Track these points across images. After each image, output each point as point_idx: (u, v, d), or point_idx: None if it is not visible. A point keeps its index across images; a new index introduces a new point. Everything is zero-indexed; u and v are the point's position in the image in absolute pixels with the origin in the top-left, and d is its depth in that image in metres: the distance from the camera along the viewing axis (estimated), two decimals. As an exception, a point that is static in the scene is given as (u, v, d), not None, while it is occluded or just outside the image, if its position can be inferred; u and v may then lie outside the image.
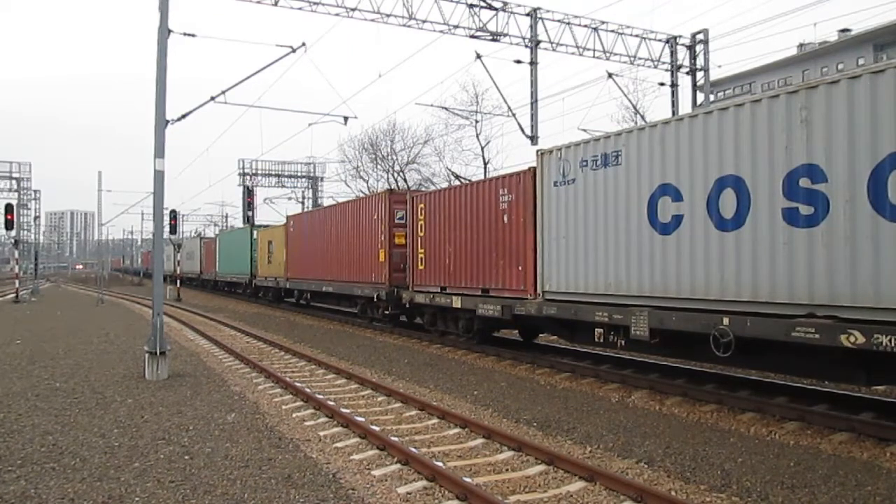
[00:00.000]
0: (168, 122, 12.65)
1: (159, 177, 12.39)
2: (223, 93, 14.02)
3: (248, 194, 48.17)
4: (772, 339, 8.10)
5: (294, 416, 9.11)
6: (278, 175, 50.36)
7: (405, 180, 41.59)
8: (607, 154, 10.74)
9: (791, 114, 8.03)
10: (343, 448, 7.49)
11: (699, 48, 23.94)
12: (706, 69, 24.03)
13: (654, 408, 9.44)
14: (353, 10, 19.01)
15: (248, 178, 48.74)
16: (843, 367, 8.14)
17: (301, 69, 48.69)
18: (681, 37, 23.84)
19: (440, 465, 6.63)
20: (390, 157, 43.41)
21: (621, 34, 22.52)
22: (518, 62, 21.39)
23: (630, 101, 28.09)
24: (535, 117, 21.48)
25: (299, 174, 51.31)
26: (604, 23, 22.19)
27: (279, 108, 19.30)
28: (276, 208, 66.55)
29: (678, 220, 9.49)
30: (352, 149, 45.83)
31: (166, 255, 44.99)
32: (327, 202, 46.13)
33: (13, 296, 38.22)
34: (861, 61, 42.93)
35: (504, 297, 13.36)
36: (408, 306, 17.70)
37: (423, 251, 16.69)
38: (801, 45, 51.06)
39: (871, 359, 7.49)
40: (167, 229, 35.83)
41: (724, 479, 6.38)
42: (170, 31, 12.42)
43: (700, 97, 24.14)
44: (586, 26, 21.97)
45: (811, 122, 7.83)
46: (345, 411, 8.94)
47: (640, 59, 23.06)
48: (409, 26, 19.65)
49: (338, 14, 19.00)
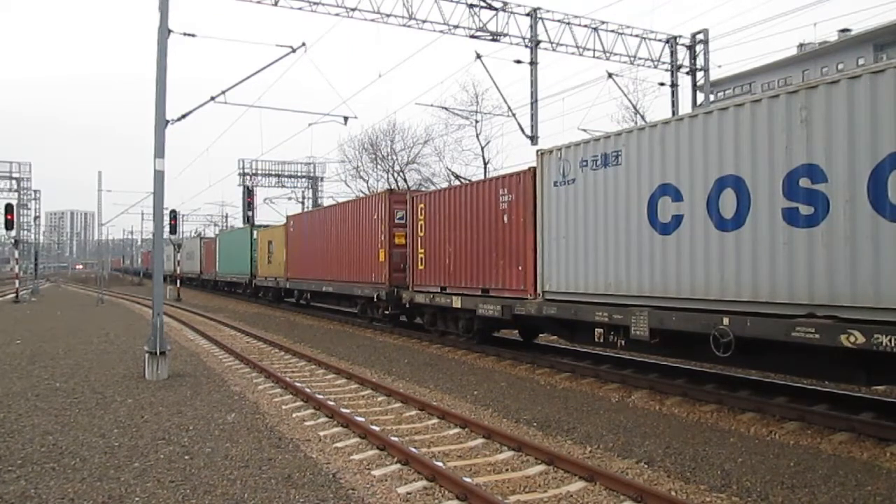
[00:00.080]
0: (168, 122, 12.66)
1: (159, 177, 12.40)
2: (223, 93, 14.03)
3: (248, 194, 48.18)
4: (772, 339, 8.10)
5: (294, 416, 9.11)
6: (278, 175, 50.36)
7: (405, 180, 41.61)
8: (607, 154, 10.74)
9: (791, 114, 8.04)
10: (343, 448, 7.49)
11: (699, 48, 23.94)
12: (706, 69, 24.03)
13: (654, 408, 9.44)
14: (353, 10, 19.02)
15: (248, 178, 48.75)
16: (843, 367, 8.14)
17: (301, 69, 48.77)
18: (681, 37, 23.86)
19: (440, 465, 6.63)
20: (390, 157, 43.48)
21: (621, 34, 22.52)
22: (518, 62, 21.40)
23: (630, 101, 28.13)
24: (535, 117, 21.48)
25: (299, 174, 51.32)
26: (604, 23, 22.20)
27: (279, 108, 19.31)
28: (276, 208, 66.65)
29: (678, 220, 9.49)
30: (352, 149, 45.93)
31: (166, 255, 45.01)
32: (327, 202, 46.17)
33: (13, 296, 38.22)
34: (861, 61, 42.92)
35: (504, 297, 13.36)
36: (408, 306, 17.70)
37: (423, 251, 16.69)
38: (801, 45, 51.07)
39: (871, 359, 7.50)
40: (167, 229, 35.83)
41: (724, 479, 6.38)
42: (170, 31, 12.43)
43: (700, 97, 24.14)
44: (586, 26, 21.97)
45: (811, 122, 7.83)
46: (345, 411, 8.95)
47: (640, 59, 23.06)
48: (409, 26, 19.66)
49: (338, 14, 19.01)
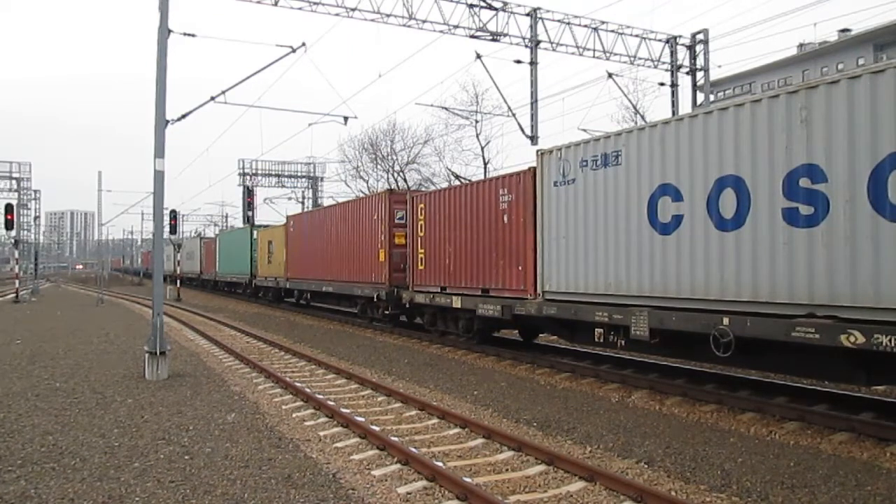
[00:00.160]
0: (168, 122, 12.66)
1: (159, 177, 12.40)
2: (223, 93, 14.03)
3: (248, 194, 48.17)
4: (772, 339, 8.10)
5: (294, 416, 9.11)
6: (278, 175, 50.36)
7: (405, 180, 41.61)
8: (607, 154, 10.74)
9: (791, 114, 8.04)
10: (343, 448, 7.49)
11: (699, 48, 23.94)
12: (706, 69, 24.03)
13: (654, 408, 9.44)
14: (353, 10, 19.02)
15: (248, 178, 48.74)
16: (843, 367, 8.14)
17: (301, 69, 48.68)
18: (681, 37, 23.85)
19: (440, 465, 6.63)
20: (390, 157, 43.48)
21: (621, 34, 22.52)
22: (518, 62, 21.39)
23: (630, 101, 28.12)
24: (535, 117, 21.48)
25: (299, 174, 51.31)
26: (604, 23, 22.19)
27: (279, 108, 19.30)
28: (276, 208, 66.65)
29: (678, 220, 9.49)
30: (352, 149, 45.93)
31: (166, 255, 45.02)
32: (327, 202, 46.17)
33: (13, 296, 38.22)
34: (861, 61, 42.92)
35: (504, 297, 13.36)
36: (408, 306, 17.70)
37: (423, 251, 16.69)
38: (801, 45, 51.07)
39: (871, 359, 7.50)
40: (167, 229, 35.83)
41: (724, 479, 6.38)
42: (170, 31, 12.43)
43: (700, 97, 24.14)
44: (586, 26, 21.97)
45: (811, 122, 7.83)
46: (345, 411, 8.94)
47: (640, 59, 23.06)
48: (409, 26, 19.65)
49: (338, 14, 19.01)
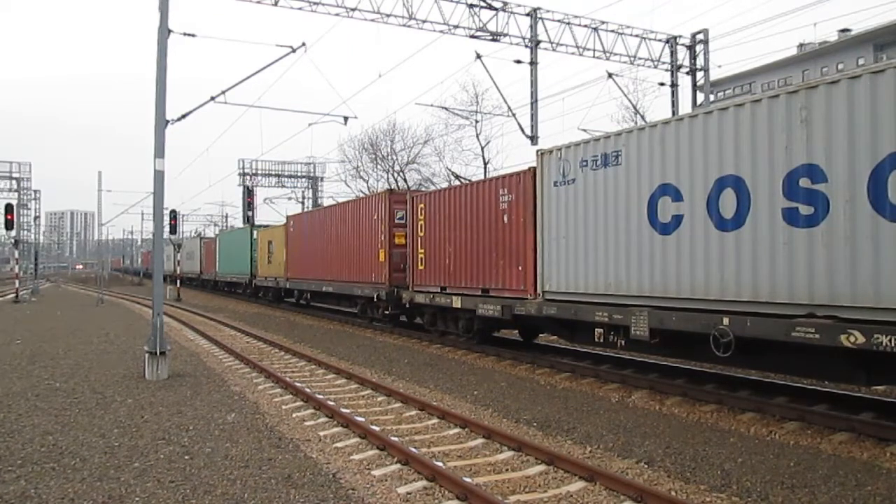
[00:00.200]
0: (168, 122, 12.66)
1: (159, 177, 12.40)
2: (223, 93, 14.03)
3: (248, 194, 48.17)
4: (772, 339, 8.10)
5: (294, 416, 9.11)
6: (278, 175, 50.35)
7: (405, 180, 41.61)
8: (607, 154, 10.74)
9: (791, 114, 8.04)
10: (343, 448, 7.49)
11: (699, 48, 23.93)
12: (706, 69, 24.03)
13: (654, 408, 9.44)
14: (353, 10, 19.02)
15: (248, 178, 48.74)
16: (843, 367, 8.14)
17: (301, 69, 48.59)
18: (681, 37, 23.85)
19: (440, 465, 6.63)
20: (390, 157, 43.48)
21: (621, 34, 22.52)
22: (518, 62, 21.39)
23: (630, 101, 28.13)
24: (535, 117, 21.48)
25: (299, 174, 51.31)
26: (604, 23, 22.19)
27: (279, 108, 19.31)
28: (276, 208, 66.60)
29: (678, 220, 9.49)
30: (352, 149, 45.94)
31: (166, 255, 45.02)
32: (327, 202, 46.17)
33: (13, 296, 38.23)
34: (861, 61, 42.92)
35: (504, 297, 13.36)
36: (408, 306, 17.70)
37: (423, 251, 16.69)
38: (801, 45, 51.08)
39: (871, 359, 7.50)
40: (167, 229, 35.84)
41: (724, 479, 6.38)
42: (170, 31, 12.43)
43: (700, 97, 24.14)
44: (586, 26, 21.97)
45: (811, 122, 7.83)
46: (345, 411, 8.95)
47: (640, 59, 23.06)
48: (409, 26, 19.65)
49: (338, 14, 19.01)
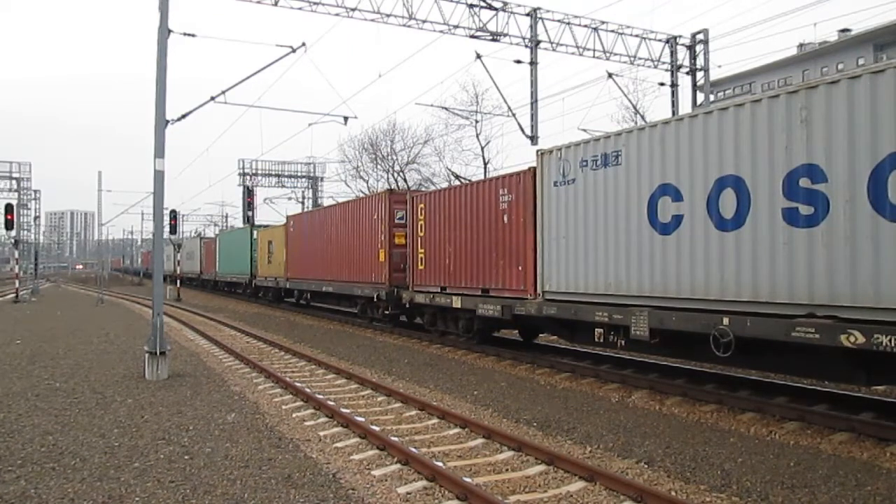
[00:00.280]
0: (168, 122, 12.65)
1: (159, 177, 12.40)
2: (223, 93, 14.03)
3: (248, 194, 48.17)
4: (772, 339, 8.10)
5: (294, 416, 9.11)
6: (278, 175, 50.36)
7: (405, 180, 41.61)
8: (607, 154, 10.74)
9: (791, 114, 8.04)
10: (343, 448, 7.49)
11: (699, 48, 23.93)
12: (706, 69, 24.02)
13: (654, 408, 9.44)
14: (353, 10, 19.02)
15: (248, 178, 48.74)
16: (843, 367, 8.14)
17: (301, 69, 48.68)
18: (681, 37, 23.85)
19: (440, 465, 6.63)
20: (390, 157, 43.48)
21: (621, 34, 22.52)
22: (518, 62, 21.39)
23: (630, 101, 28.12)
24: (535, 117, 21.48)
25: (299, 174, 51.32)
26: (604, 23, 22.19)
27: (279, 108, 19.31)
28: (276, 208, 66.61)
29: (678, 220, 9.49)
30: (352, 149, 45.94)
31: (166, 255, 45.02)
32: (327, 202, 46.18)
33: (13, 296, 38.23)
34: (861, 61, 42.92)
35: (504, 297, 13.36)
36: (408, 306, 17.70)
37: (423, 251, 16.69)
38: (801, 45, 51.07)
39: (871, 359, 7.50)
40: (167, 229, 35.84)
41: (724, 479, 6.38)
42: (170, 31, 12.43)
43: (700, 97, 24.14)
44: (586, 26, 21.97)
45: (811, 122, 7.83)
46: (345, 411, 8.94)
47: (640, 59, 23.06)
48: (409, 26, 19.65)
49: (338, 14, 19.01)
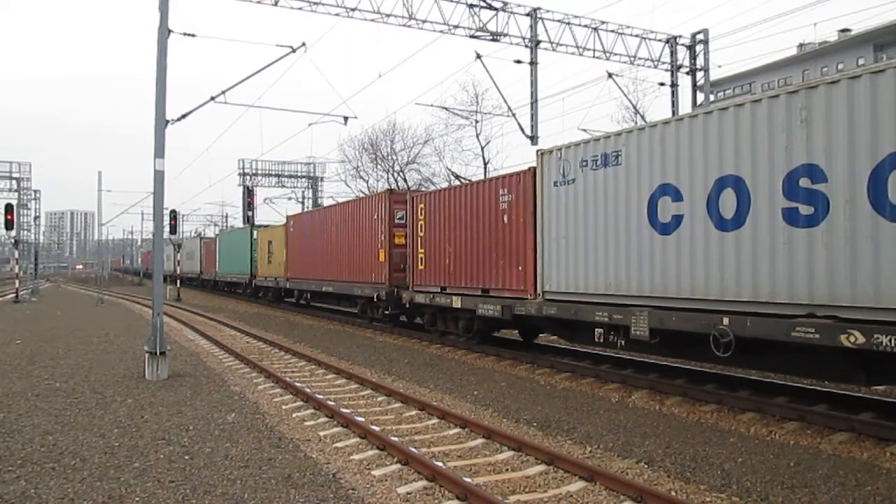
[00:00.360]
0: (168, 122, 12.65)
1: (159, 177, 12.40)
2: (223, 93, 14.03)
3: (248, 194, 48.18)
4: (772, 339, 8.10)
5: (294, 416, 9.11)
6: (278, 175, 50.36)
7: (405, 180, 41.61)
8: (607, 154, 10.74)
9: (791, 114, 8.04)
10: (343, 448, 7.49)
11: (699, 48, 23.94)
12: (706, 69, 24.03)
13: (654, 408, 9.44)
14: (353, 10, 19.02)
15: (248, 178, 48.75)
16: (843, 367, 8.14)
17: (301, 69, 48.72)
18: (681, 37, 23.85)
19: (440, 465, 6.63)
20: (390, 157, 43.49)
21: (621, 34, 22.52)
22: (518, 62, 21.39)
23: (630, 101, 28.12)
24: (535, 117, 21.48)
25: (299, 174, 51.32)
26: (604, 23, 22.20)
27: (279, 108, 19.33)
28: (276, 208, 66.59)
29: (678, 220, 9.49)
30: (352, 149, 45.95)
31: (166, 255, 45.01)
32: (327, 202, 46.18)
33: (13, 296, 38.22)
34: (861, 61, 42.92)
35: (504, 297, 13.36)
36: (408, 306, 17.70)
37: (423, 251, 16.69)
38: (801, 45, 51.07)
39: (871, 359, 7.50)
40: (167, 229, 35.84)
41: (724, 479, 6.38)
42: (170, 31, 12.43)
43: (700, 97, 24.14)
44: (586, 26, 21.97)
45: (811, 122, 7.83)
46: (345, 411, 8.95)
47: (640, 59, 23.06)
48: (409, 26, 19.65)
49: (338, 14, 19.01)
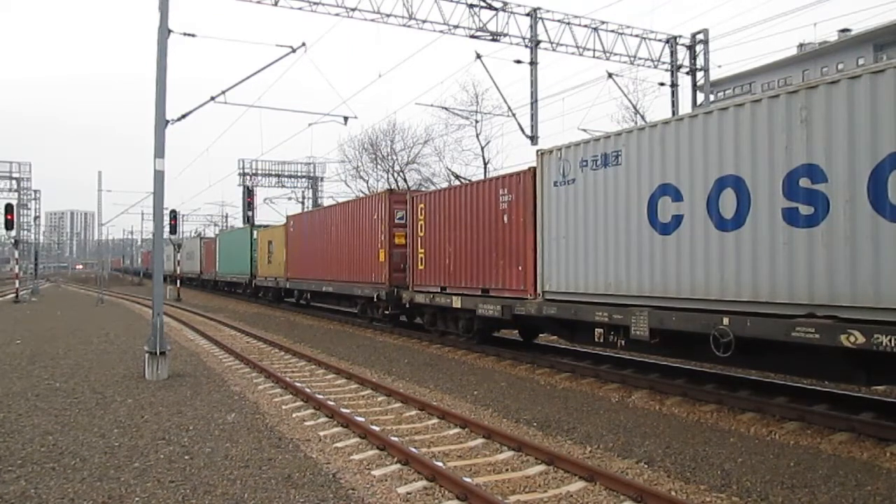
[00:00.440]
0: (168, 122, 12.65)
1: (159, 177, 12.40)
2: (223, 93, 14.03)
3: (248, 194, 48.18)
4: (772, 339, 8.10)
5: (294, 416, 9.11)
6: (278, 175, 50.36)
7: (405, 180, 41.61)
8: (607, 154, 10.74)
9: (791, 114, 8.04)
10: (343, 448, 7.49)
11: (699, 48, 23.94)
12: (706, 69, 24.03)
13: (654, 408, 9.44)
14: (353, 10, 19.02)
15: (248, 178, 48.76)
16: (843, 367, 8.14)
17: (301, 69, 48.66)
18: (681, 37, 23.85)
19: (440, 465, 6.63)
20: (390, 157, 43.49)
21: (621, 34, 22.52)
22: (518, 62, 21.39)
23: (630, 101, 28.12)
24: (535, 117, 21.48)
25: (299, 174, 51.32)
26: (604, 23, 22.20)
27: (279, 108, 19.33)
28: (276, 208, 66.63)
29: (678, 220, 9.49)
30: (352, 149, 45.95)
31: (166, 255, 45.01)
32: (327, 202, 46.19)
33: (13, 296, 38.22)
34: (861, 61, 42.92)
35: (504, 297, 13.36)
36: (408, 306, 17.70)
37: (423, 251, 16.69)
38: (801, 45, 51.07)
39: (871, 359, 7.50)
40: (167, 229, 35.83)
41: (724, 479, 6.38)
42: (170, 31, 12.43)
43: (700, 97, 24.14)
44: (586, 26, 21.97)
45: (811, 122, 7.83)
46: (345, 411, 8.94)
47: (640, 59, 23.06)
48: (409, 26, 19.65)
49: (338, 14, 19.01)
